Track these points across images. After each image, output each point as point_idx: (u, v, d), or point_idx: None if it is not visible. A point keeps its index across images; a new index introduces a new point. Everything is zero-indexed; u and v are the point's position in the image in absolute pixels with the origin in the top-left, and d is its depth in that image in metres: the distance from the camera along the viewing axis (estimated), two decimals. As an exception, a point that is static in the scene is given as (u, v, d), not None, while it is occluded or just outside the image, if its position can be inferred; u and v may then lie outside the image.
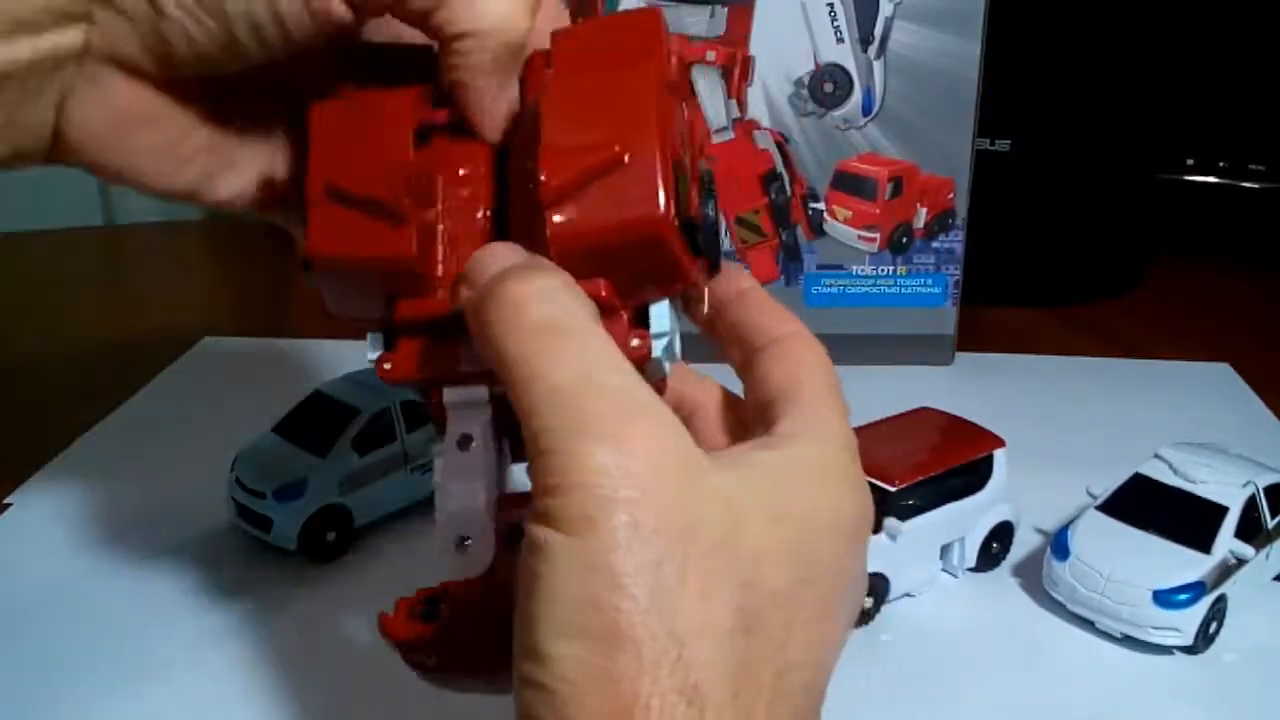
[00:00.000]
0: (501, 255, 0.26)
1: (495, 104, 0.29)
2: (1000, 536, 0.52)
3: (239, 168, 0.33)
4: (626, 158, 0.25)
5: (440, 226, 0.28)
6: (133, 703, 0.43)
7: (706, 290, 0.31)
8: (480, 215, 0.29)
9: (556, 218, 0.26)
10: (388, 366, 0.29)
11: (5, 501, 0.57)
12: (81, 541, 0.53)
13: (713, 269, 0.29)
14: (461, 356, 0.28)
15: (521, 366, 0.24)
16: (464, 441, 0.28)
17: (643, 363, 0.27)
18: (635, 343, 0.27)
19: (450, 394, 0.29)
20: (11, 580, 0.50)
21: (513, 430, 0.27)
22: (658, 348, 0.28)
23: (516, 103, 0.30)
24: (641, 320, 0.28)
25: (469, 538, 0.28)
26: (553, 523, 0.23)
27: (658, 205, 0.25)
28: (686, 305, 0.31)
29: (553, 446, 0.23)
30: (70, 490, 0.58)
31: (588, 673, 0.23)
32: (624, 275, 0.27)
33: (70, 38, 0.28)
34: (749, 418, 0.30)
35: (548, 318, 0.24)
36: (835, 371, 0.30)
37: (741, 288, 0.32)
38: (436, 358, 0.29)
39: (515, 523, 0.27)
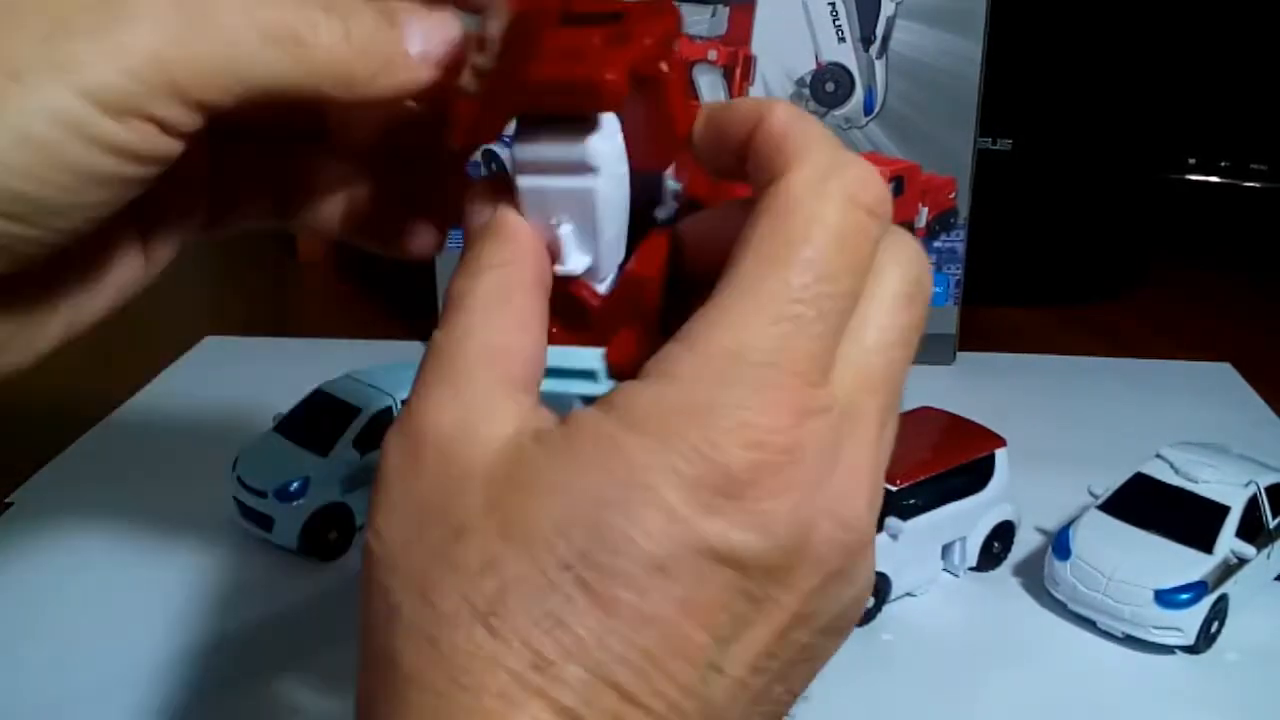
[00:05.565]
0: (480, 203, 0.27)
1: None
2: (1001, 536, 0.52)
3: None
4: None
5: None
6: (134, 702, 0.43)
7: None
8: None
9: None
10: None
11: (6, 501, 0.57)
12: (82, 541, 0.53)
13: None
14: None
15: (444, 314, 0.25)
16: None
17: None
18: None
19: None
20: (12, 580, 0.50)
21: None
22: None
23: None
24: None
25: None
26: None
27: None
28: None
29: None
30: (70, 490, 0.58)
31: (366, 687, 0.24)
32: None
33: None
34: None
35: (462, 292, 0.25)
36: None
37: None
38: None
39: None
